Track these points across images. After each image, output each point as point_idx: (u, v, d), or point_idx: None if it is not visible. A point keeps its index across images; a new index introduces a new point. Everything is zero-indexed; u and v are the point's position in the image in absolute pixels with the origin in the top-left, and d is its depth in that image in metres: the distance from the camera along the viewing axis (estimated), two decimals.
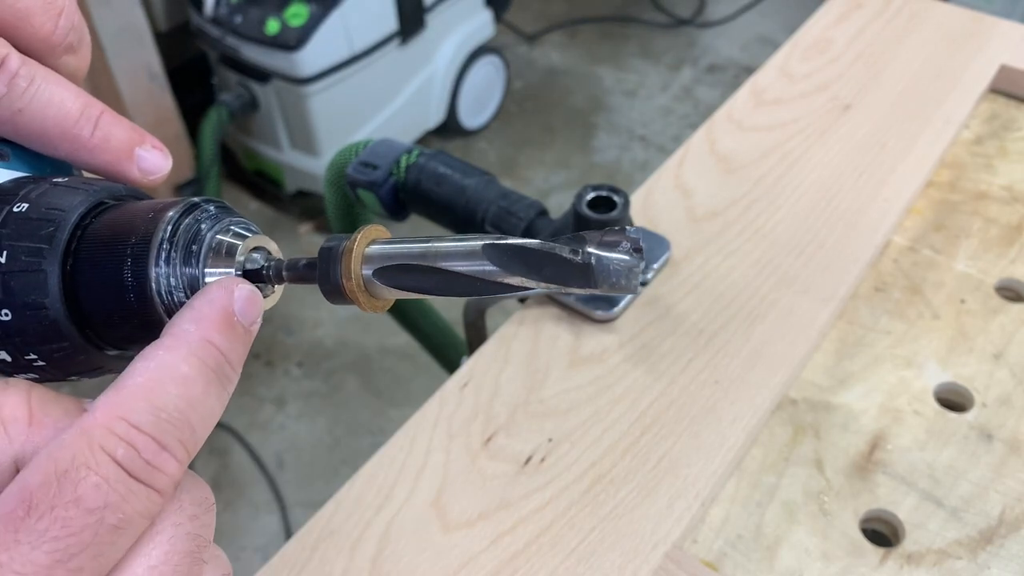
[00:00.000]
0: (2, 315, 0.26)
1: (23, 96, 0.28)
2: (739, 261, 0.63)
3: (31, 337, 0.26)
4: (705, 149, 0.72)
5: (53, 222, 0.26)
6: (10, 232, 0.26)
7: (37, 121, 0.28)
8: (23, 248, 0.26)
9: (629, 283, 0.25)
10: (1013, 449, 0.53)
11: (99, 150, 0.29)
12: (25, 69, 0.28)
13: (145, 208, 0.27)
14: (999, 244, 0.65)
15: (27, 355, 0.26)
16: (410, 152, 0.65)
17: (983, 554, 0.48)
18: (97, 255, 0.26)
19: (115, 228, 0.26)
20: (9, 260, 0.26)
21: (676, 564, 0.48)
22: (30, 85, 0.28)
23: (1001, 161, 0.71)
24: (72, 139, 0.29)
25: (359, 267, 0.27)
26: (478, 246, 0.26)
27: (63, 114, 0.28)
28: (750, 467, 0.53)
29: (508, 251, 0.26)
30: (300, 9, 1.69)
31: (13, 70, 0.27)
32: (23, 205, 0.26)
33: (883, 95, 0.76)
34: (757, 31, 2.52)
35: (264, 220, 2.04)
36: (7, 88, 0.27)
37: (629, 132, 2.24)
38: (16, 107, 0.28)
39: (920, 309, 0.61)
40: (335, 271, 0.27)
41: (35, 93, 0.28)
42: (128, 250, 0.26)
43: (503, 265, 0.26)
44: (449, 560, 0.48)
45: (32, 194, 0.27)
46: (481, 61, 2.11)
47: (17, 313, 0.26)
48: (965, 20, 0.82)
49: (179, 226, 0.26)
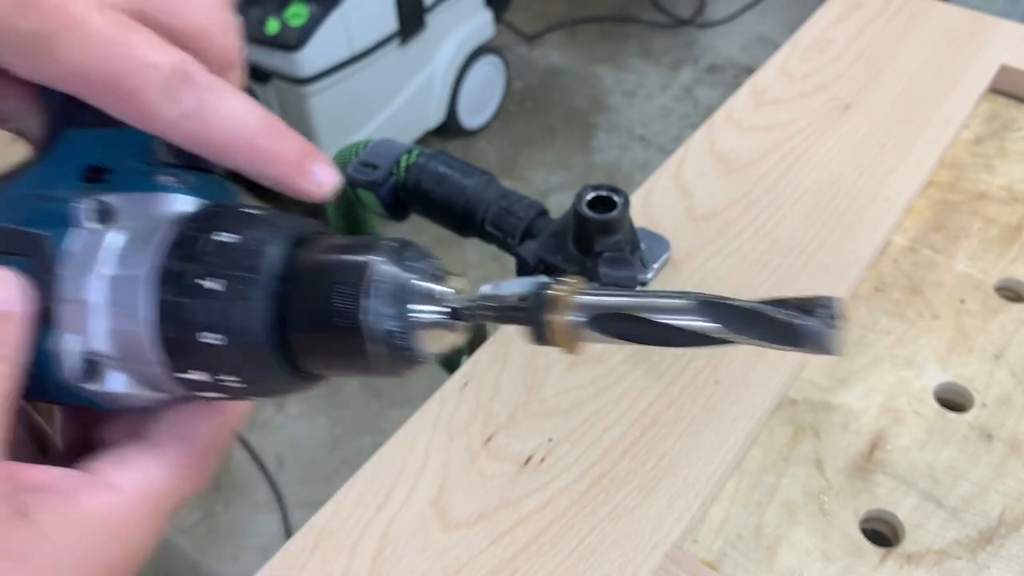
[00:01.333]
0: (210, 338, 0.27)
1: (212, 109, 0.28)
2: (739, 261, 0.63)
3: (236, 361, 0.27)
4: (705, 149, 0.72)
5: (264, 253, 0.27)
6: (223, 261, 0.27)
7: (226, 134, 0.28)
8: (237, 277, 0.27)
9: (830, 345, 0.27)
10: (1013, 449, 0.53)
11: (278, 161, 0.29)
12: (213, 83, 0.28)
13: (347, 249, 0.28)
14: (999, 244, 0.65)
15: (226, 377, 0.28)
16: (410, 152, 0.65)
17: (983, 554, 0.48)
18: (306, 289, 0.27)
19: (322, 264, 0.28)
20: (225, 287, 0.27)
21: (676, 564, 0.48)
22: (219, 98, 0.28)
23: (1001, 161, 0.71)
24: (255, 151, 0.29)
25: (568, 314, 0.28)
26: (692, 304, 0.27)
27: (247, 126, 0.29)
28: (750, 467, 0.53)
29: (721, 310, 0.27)
30: (300, 9, 1.69)
31: (203, 84, 0.28)
32: (230, 235, 0.27)
33: (883, 95, 0.76)
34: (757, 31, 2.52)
35: None
36: (197, 102, 0.28)
37: (629, 132, 2.24)
38: (206, 119, 0.28)
39: (920, 309, 0.61)
40: (543, 315, 0.28)
41: (222, 107, 0.28)
42: (337, 290, 0.27)
43: (714, 321, 0.27)
44: (449, 560, 0.48)
45: (233, 223, 0.28)
46: (481, 61, 2.11)
47: (226, 338, 0.27)
48: (965, 20, 0.82)
49: (386, 269, 0.27)
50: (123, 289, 0.28)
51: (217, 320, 0.27)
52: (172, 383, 0.28)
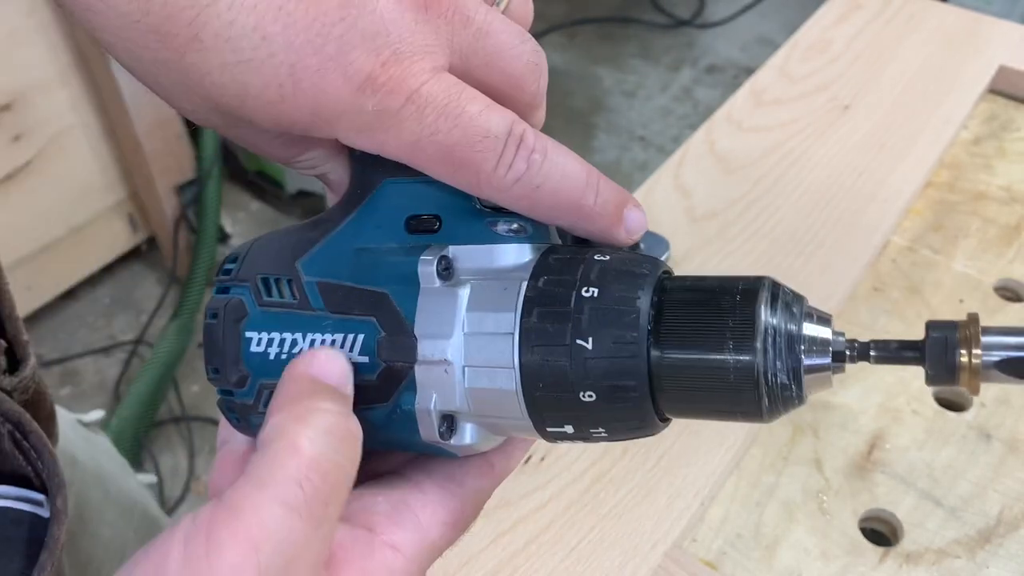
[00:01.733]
0: (585, 396, 0.26)
1: (540, 171, 0.28)
2: (738, 261, 0.63)
3: (607, 416, 0.27)
4: (705, 149, 0.72)
5: (633, 306, 0.26)
6: (591, 317, 0.26)
7: (553, 195, 0.28)
8: (609, 334, 0.26)
9: None
10: (1011, 449, 0.53)
11: (598, 216, 0.29)
12: (539, 143, 0.28)
13: (717, 293, 0.27)
14: (997, 244, 0.65)
15: (595, 430, 0.27)
16: None
17: (982, 553, 0.48)
18: (688, 340, 0.26)
19: (699, 313, 0.27)
20: (596, 345, 0.26)
21: (675, 563, 0.48)
22: (545, 159, 0.28)
23: (1000, 161, 0.71)
24: (579, 208, 0.29)
25: (980, 359, 0.27)
26: None
27: (573, 184, 0.28)
28: (749, 466, 0.53)
29: None
30: None
31: (531, 146, 0.28)
32: (593, 290, 0.27)
33: (882, 95, 0.76)
34: (757, 32, 2.52)
35: (265, 220, 2.04)
36: (527, 165, 0.27)
37: (629, 132, 2.24)
38: (535, 184, 0.28)
39: (919, 309, 0.61)
40: (953, 359, 0.27)
41: (551, 167, 0.28)
42: (726, 339, 0.26)
43: None
44: (449, 559, 0.48)
45: (587, 273, 0.27)
46: None
47: (602, 395, 0.26)
48: (964, 21, 0.83)
49: (773, 312, 0.27)
50: (486, 349, 0.27)
51: (590, 379, 0.26)
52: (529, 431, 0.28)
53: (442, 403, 0.28)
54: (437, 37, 0.27)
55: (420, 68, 0.27)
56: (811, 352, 0.27)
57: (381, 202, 0.30)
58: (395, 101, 0.26)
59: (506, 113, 0.28)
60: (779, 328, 0.26)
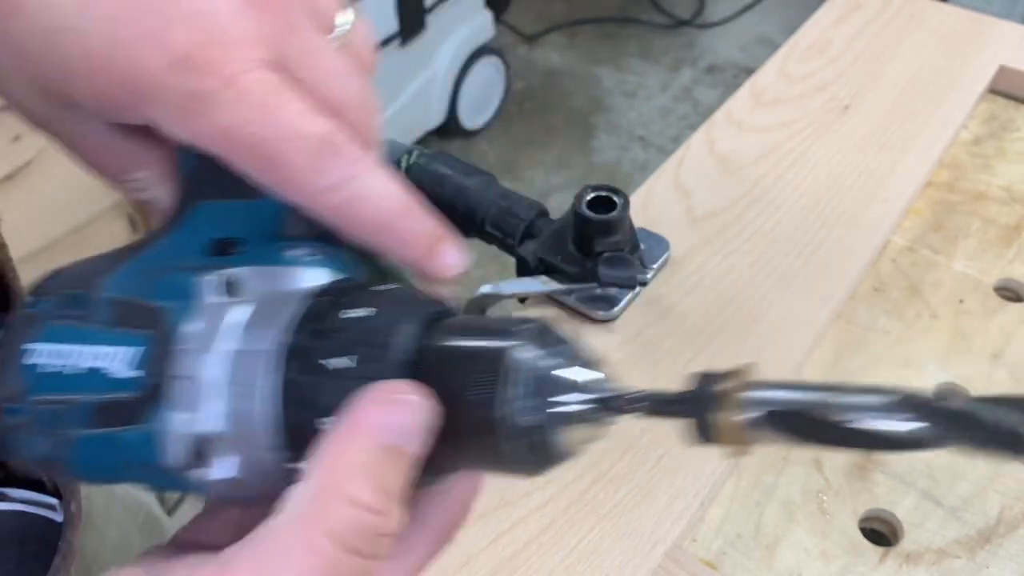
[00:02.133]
0: (329, 423, 0.25)
1: (357, 184, 0.27)
2: (738, 261, 0.63)
3: None
4: (704, 150, 0.72)
5: (397, 333, 0.25)
6: (354, 338, 0.25)
7: (365, 211, 0.28)
8: (367, 354, 0.25)
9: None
10: None
11: (411, 243, 0.29)
12: (361, 157, 0.28)
13: (484, 332, 0.26)
14: (998, 244, 0.65)
15: None
16: (410, 153, 0.65)
17: (982, 553, 0.48)
18: (440, 377, 0.25)
19: (457, 348, 0.25)
20: (353, 366, 0.25)
21: (675, 563, 0.48)
22: (363, 174, 0.27)
23: (1000, 162, 0.71)
24: (390, 232, 0.28)
25: (741, 412, 0.24)
26: (892, 401, 0.23)
27: (387, 206, 0.28)
28: (749, 466, 0.53)
29: (927, 410, 0.23)
30: None
31: (352, 158, 0.27)
32: (362, 311, 0.26)
33: (882, 96, 0.76)
34: (757, 32, 2.52)
35: None
36: (342, 175, 0.27)
37: (629, 133, 2.24)
38: (349, 195, 0.27)
39: (919, 309, 0.61)
40: (711, 415, 0.24)
41: (366, 183, 0.28)
42: (474, 380, 0.24)
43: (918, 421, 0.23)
44: (448, 559, 0.48)
45: (369, 300, 0.26)
46: (481, 62, 2.11)
47: None
48: (964, 21, 0.83)
49: (526, 352, 0.25)
50: (244, 365, 0.26)
51: (343, 402, 0.24)
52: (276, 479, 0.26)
53: (191, 424, 0.26)
54: (263, 34, 0.27)
55: (241, 56, 0.26)
56: (565, 397, 0.25)
57: (191, 223, 0.30)
58: (211, 83, 0.26)
59: (328, 122, 0.27)
60: (531, 369, 0.24)
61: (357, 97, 0.29)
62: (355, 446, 0.24)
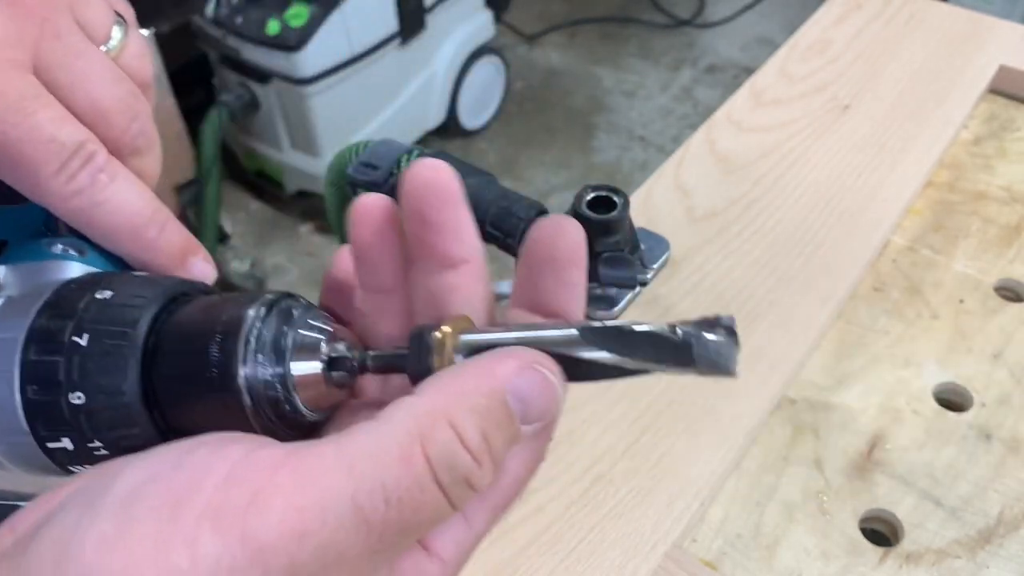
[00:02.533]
0: (74, 398, 0.25)
1: (103, 191, 0.28)
2: (739, 261, 0.63)
3: (101, 423, 0.26)
4: (705, 149, 0.72)
5: (137, 308, 0.26)
6: (93, 316, 0.26)
7: (111, 216, 0.29)
8: (105, 331, 0.26)
9: (727, 364, 0.25)
10: (1012, 449, 0.53)
11: (159, 253, 0.30)
12: (110, 166, 0.29)
13: (224, 305, 0.27)
14: (998, 244, 0.65)
15: (90, 442, 0.26)
16: (410, 153, 0.65)
17: (982, 553, 0.48)
18: (179, 346, 0.26)
19: (197, 320, 0.26)
20: (90, 343, 0.26)
21: (676, 563, 0.48)
22: (112, 181, 0.29)
23: (1000, 161, 0.71)
24: (137, 239, 0.29)
25: (452, 360, 0.26)
26: (575, 333, 0.26)
27: (135, 213, 0.29)
28: (749, 467, 0.53)
29: (606, 334, 0.26)
30: (300, 10, 1.69)
31: (99, 165, 0.28)
32: (107, 292, 0.27)
33: (882, 95, 0.76)
34: (757, 31, 2.52)
35: (264, 221, 2.04)
36: (91, 181, 0.28)
37: (629, 132, 2.24)
38: (95, 200, 0.28)
39: (919, 309, 0.61)
40: (427, 361, 0.26)
41: (115, 190, 0.29)
42: (212, 348, 0.25)
43: (602, 349, 0.25)
44: None
45: (115, 283, 0.27)
46: (481, 61, 2.11)
47: (91, 396, 0.25)
48: (964, 21, 0.83)
49: (263, 324, 0.26)
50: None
51: (79, 377, 0.25)
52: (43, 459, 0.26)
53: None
54: (21, 36, 0.27)
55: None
56: (300, 358, 0.26)
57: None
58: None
59: (83, 130, 0.28)
60: (267, 339, 0.25)
61: (120, 104, 0.30)
62: (482, 387, 0.23)
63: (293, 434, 0.26)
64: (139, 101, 0.31)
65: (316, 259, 1.94)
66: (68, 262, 0.29)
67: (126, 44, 0.31)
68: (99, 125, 0.29)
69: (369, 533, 0.21)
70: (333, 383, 0.27)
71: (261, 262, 1.89)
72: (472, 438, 0.23)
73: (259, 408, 0.25)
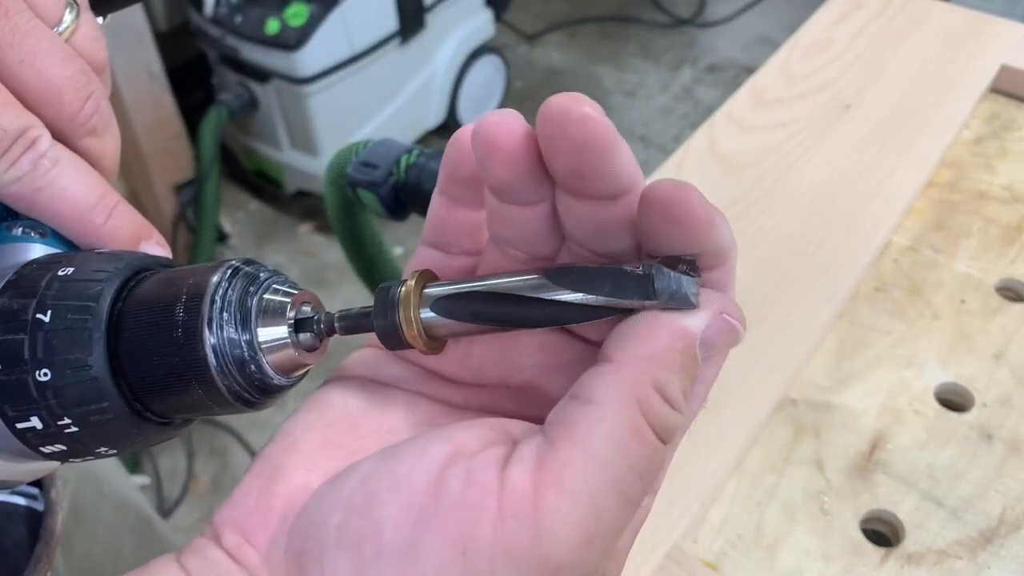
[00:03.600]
0: (40, 375, 0.25)
1: (45, 176, 0.28)
2: (739, 261, 0.62)
3: (69, 398, 0.26)
4: (705, 149, 0.72)
5: (99, 282, 0.26)
6: (55, 293, 0.26)
7: (54, 202, 0.29)
8: (68, 307, 0.26)
9: (687, 296, 0.25)
10: (1013, 449, 0.53)
11: (108, 238, 0.30)
12: (52, 151, 0.29)
13: (188, 273, 0.27)
14: (999, 244, 0.65)
15: (60, 420, 0.26)
16: (410, 152, 0.65)
17: (983, 554, 0.48)
18: (143, 317, 0.26)
19: (161, 292, 0.26)
20: (53, 319, 0.25)
21: (676, 564, 0.48)
22: (54, 167, 0.29)
23: (1001, 161, 0.71)
24: (85, 224, 0.29)
25: (418, 311, 0.27)
26: (542, 277, 0.26)
27: (80, 199, 0.29)
28: (750, 467, 0.53)
29: (571, 274, 0.26)
30: (300, 9, 1.69)
31: (42, 151, 0.28)
32: (68, 269, 0.27)
33: (883, 95, 0.76)
34: (757, 31, 2.52)
35: (264, 220, 2.04)
36: (31, 167, 0.28)
37: (629, 132, 2.24)
38: (36, 186, 0.28)
39: (920, 309, 0.61)
40: (393, 317, 0.27)
41: (57, 175, 0.29)
42: (177, 312, 0.25)
43: (569, 289, 0.26)
44: None
45: (76, 260, 0.27)
46: (481, 61, 2.11)
47: (57, 372, 0.25)
48: (965, 20, 0.82)
49: (227, 288, 0.26)
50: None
51: (44, 354, 0.25)
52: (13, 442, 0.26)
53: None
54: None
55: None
56: (268, 327, 0.26)
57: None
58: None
59: (26, 116, 0.28)
60: (232, 304, 0.26)
61: (71, 83, 0.30)
62: (676, 345, 0.24)
63: (260, 398, 0.27)
64: (92, 81, 0.30)
65: (316, 258, 1.94)
66: (29, 244, 0.29)
67: (78, 25, 0.31)
68: (51, 104, 0.29)
69: (631, 508, 0.23)
70: (300, 346, 0.27)
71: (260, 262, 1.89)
72: (678, 399, 0.24)
73: (225, 369, 0.25)
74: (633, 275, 0.25)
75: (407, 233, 1.85)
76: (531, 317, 0.26)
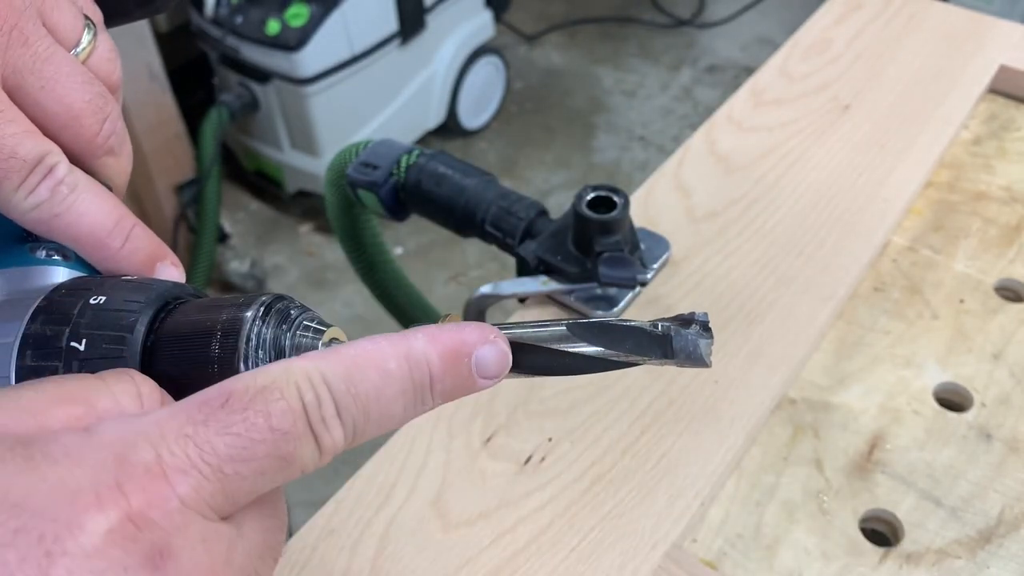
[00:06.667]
0: None
1: (63, 202, 0.29)
2: (739, 261, 0.63)
3: None
4: (705, 149, 0.72)
5: (133, 312, 0.27)
6: (88, 322, 0.26)
7: (73, 227, 0.29)
8: (103, 336, 0.26)
9: (702, 355, 0.27)
10: (1012, 449, 0.53)
11: (125, 260, 0.30)
12: (70, 177, 0.29)
13: (219, 306, 0.27)
14: (998, 244, 0.65)
15: None
16: (410, 152, 0.65)
17: (982, 553, 0.48)
18: (178, 346, 0.27)
19: (195, 322, 0.27)
20: (88, 347, 0.26)
21: (676, 563, 0.48)
22: (71, 193, 0.29)
23: (1000, 161, 0.71)
24: (103, 248, 0.30)
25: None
26: (564, 330, 0.27)
27: (98, 223, 0.30)
28: (749, 467, 0.53)
29: (593, 329, 0.27)
30: (300, 9, 1.69)
31: (59, 177, 0.29)
32: (100, 298, 0.27)
33: (882, 95, 0.76)
34: (757, 31, 2.52)
35: (264, 220, 2.04)
36: (50, 194, 0.29)
37: (629, 132, 2.24)
38: (55, 212, 0.29)
39: (919, 309, 0.61)
40: None
41: (75, 201, 0.29)
42: (213, 348, 0.26)
43: (590, 343, 0.27)
44: (449, 560, 0.48)
45: (105, 288, 0.28)
46: (481, 61, 2.11)
47: None
48: (964, 20, 0.82)
49: (261, 326, 0.27)
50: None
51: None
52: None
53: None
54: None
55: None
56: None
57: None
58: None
59: (44, 143, 0.29)
60: (267, 342, 0.27)
61: (90, 106, 0.30)
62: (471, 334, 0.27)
63: None
64: (108, 102, 0.31)
65: (316, 259, 1.94)
66: (53, 267, 0.30)
67: (95, 47, 0.32)
68: (71, 128, 0.30)
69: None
70: None
71: (261, 262, 1.89)
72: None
73: None
74: (652, 335, 0.27)
75: (407, 233, 1.85)
76: (552, 366, 0.28)
